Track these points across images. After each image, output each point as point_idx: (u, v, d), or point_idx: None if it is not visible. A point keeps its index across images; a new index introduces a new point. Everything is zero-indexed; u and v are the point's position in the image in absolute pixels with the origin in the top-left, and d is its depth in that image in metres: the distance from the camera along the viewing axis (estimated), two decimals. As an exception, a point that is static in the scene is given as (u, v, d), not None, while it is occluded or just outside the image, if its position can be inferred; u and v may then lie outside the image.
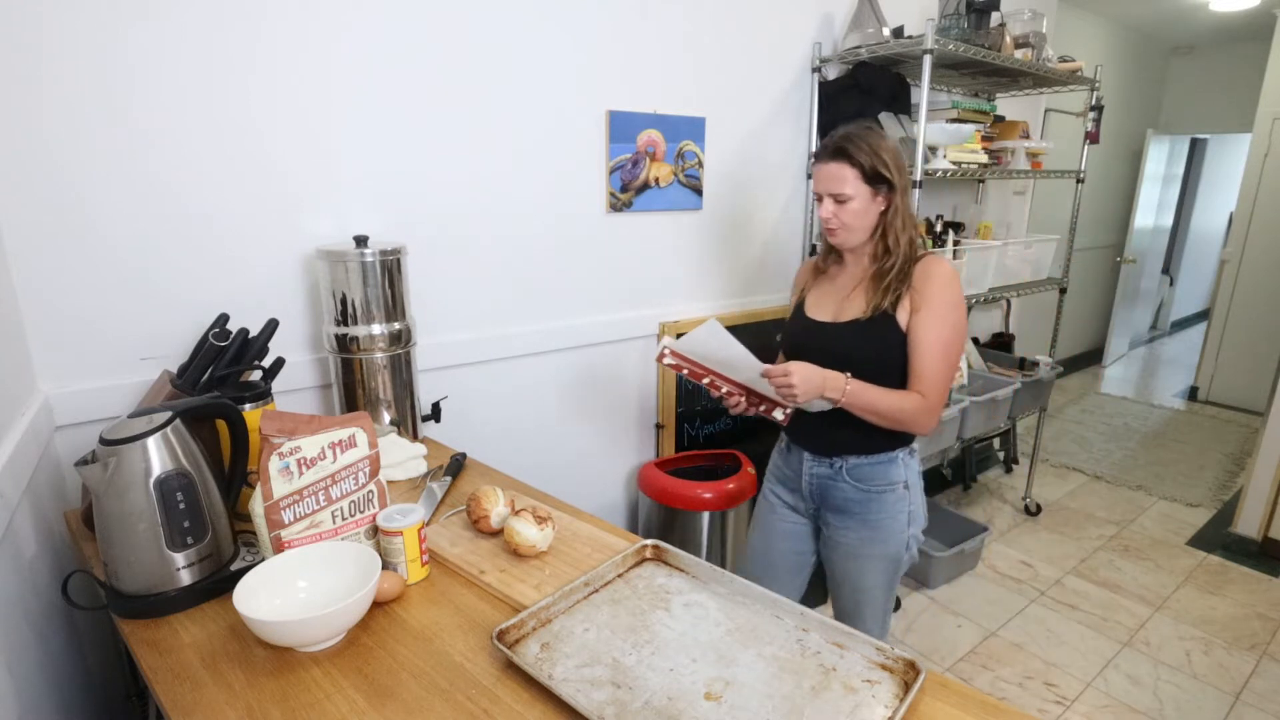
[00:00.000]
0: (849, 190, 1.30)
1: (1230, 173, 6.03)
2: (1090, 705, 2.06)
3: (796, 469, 1.49)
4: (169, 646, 0.87)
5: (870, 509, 1.40)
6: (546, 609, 0.91)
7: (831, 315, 1.40)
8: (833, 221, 1.34)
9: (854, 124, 1.35)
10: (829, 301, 1.43)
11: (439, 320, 1.77)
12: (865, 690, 0.79)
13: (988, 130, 2.73)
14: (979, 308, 3.56)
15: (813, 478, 1.45)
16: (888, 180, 1.30)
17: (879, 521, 1.40)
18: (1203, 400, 4.86)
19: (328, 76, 1.50)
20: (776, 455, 1.58)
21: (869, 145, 1.29)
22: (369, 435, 1.00)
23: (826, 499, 1.44)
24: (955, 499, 3.38)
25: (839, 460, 1.41)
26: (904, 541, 1.42)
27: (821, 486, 1.44)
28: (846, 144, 1.30)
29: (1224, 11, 4.16)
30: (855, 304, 1.37)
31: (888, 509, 1.40)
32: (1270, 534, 2.85)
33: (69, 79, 1.23)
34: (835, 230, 1.35)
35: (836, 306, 1.41)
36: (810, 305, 1.46)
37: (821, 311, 1.43)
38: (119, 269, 1.34)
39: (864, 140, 1.30)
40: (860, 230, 1.34)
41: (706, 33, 2.13)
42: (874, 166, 1.29)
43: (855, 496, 1.41)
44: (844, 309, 1.39)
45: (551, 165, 1.90)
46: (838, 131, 1.34)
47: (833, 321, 1.39)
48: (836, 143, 1.31)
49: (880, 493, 1.40)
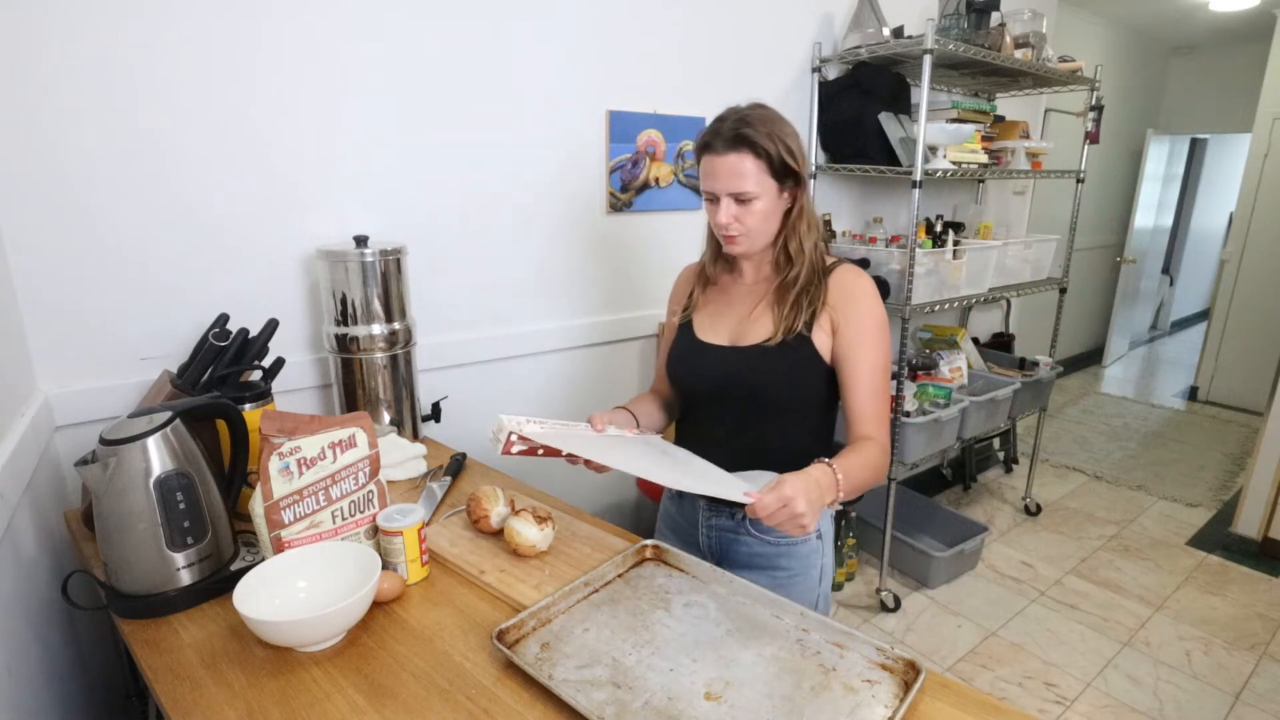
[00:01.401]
0: (752, 187, 1.06)
1: (1230, 173, 6.03)
2: (1090, 705, 2.06)
3: (692, 519, 1.26)
4: (169, 646, 0.87)
5: (780, 563, 1.18)
6: (546, 609, 0.91)
7: (729, 338, 1.17)
8: (734, 227, 1.10)
9: (746, 104, 1.10)
10: (725, 321, 1.20)
11: (439, 320, 1.77)
12: (865, 690, 0.79)
13: (988, 130, 2.73)
14: (979, 308, 3.56)
15: (711, 530, 1.23)
16: (795, 173, 1.09)
17: (789, 579, 1.18)
18: (1203, 400, 4.86)
19: (327, 76, 1.50)
20: (668, 501, 1.34)
21: (771, 129, 1.06)
22: (369, 435, 1.00)
23: (728, 554, 1.21)
24: (955, 499, 3.38)
25: (740, 509, 1.16)
26: (814, 601, 1.20)
27: (722, 540, 1.22)
28: (746, 129, 1.05)
29: (1224, 11, 4.15)
30: (760, 324, 1.15)
31: (799, 563, 1.18)
32: (1270, 534, 2.85)
33: (70, 78, 1.23)
34: (736, 238, 1.11)
35: (735, 327, 1.18)
36: (701, 325, 1.22)
37: (716, 333, 1.19)
38: (119, 269, 1.34)
39: (764, 123, 1.06)
40: (765, 235, 1.12)
41: (707, 33, 2.13)
42: (781, 156, 1.06)
43: (762, 550, 1.18)
44: (745, 330, 1.16)
45: (551, 165, 1.90)
46: (727, 113, 1.08)
47: (732, 345, 1.16)
48: (733, 127, 1.05)
49: (791, 545, 1.18)
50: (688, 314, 1.25)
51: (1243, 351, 4.61)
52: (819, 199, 2.61)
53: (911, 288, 2.28)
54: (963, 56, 2.27)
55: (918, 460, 2.45)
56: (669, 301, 1.34)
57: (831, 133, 2.49)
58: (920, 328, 3.17)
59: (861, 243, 2.57)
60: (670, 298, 1.34)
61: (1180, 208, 6.15)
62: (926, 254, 2.35)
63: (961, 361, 2.83)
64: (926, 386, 2.56)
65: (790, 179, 1.09)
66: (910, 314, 2.30)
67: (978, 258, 2.57)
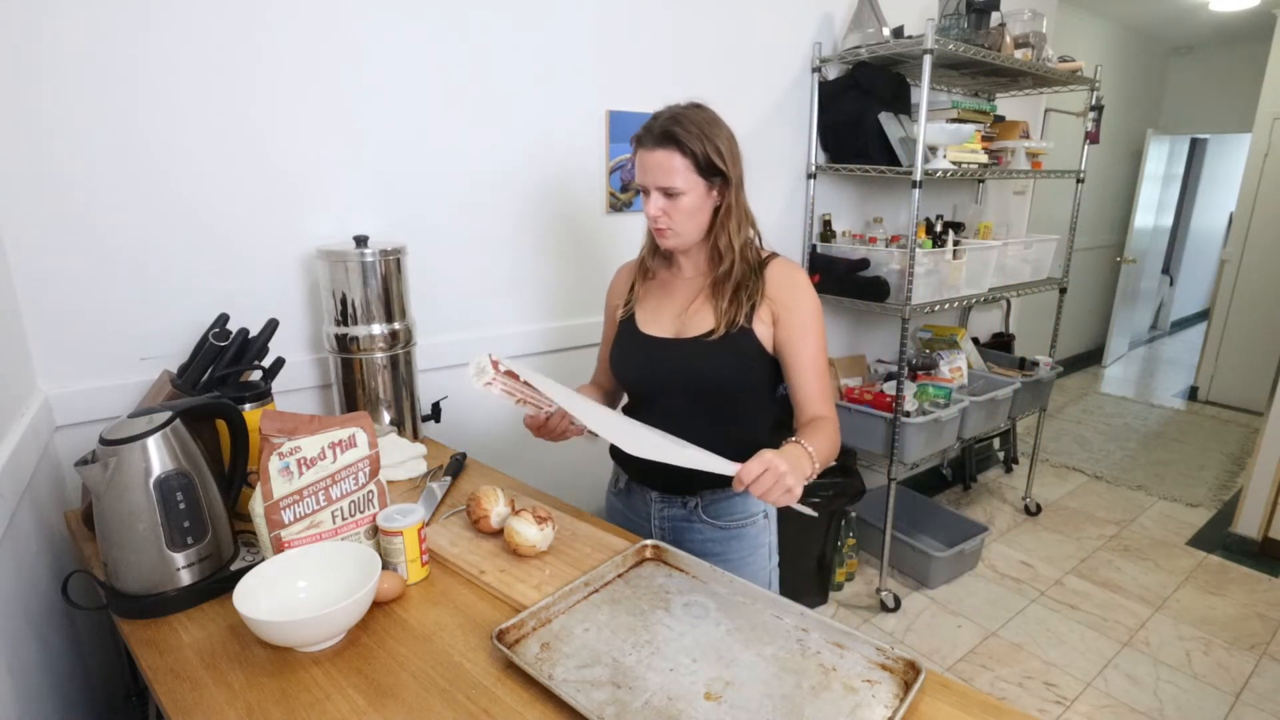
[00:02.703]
0: (679, 183, 1.10)
1: (1230, 173, 6.03)
2: (1090, 705, 2.06)
3: (642, 511, 1.29)
4: (169, 646, 0.87)
5: (731, 548, 1.23)
6: (546, 609, 0.91)
7: (673, 330, 1.21)
8: (662, 220, 1.14)
9: (683, 103, 1.14)
10: (666, 314, 1.23)
11: (439, 320, 1.77)
12: (865, 690, 0.79)
13: (988, 130, 2.73)
14: (979, 308, 3.56)
15: (664, 521, 1.26)
16: (722, 172, 1.12)
17: (740, 560, 1.23)
18: (1203, 400, 4.86)
19: (327, 77, 1.50)
20: (613, 497, 1.36)
21: (701, 130, 1.09)
22: (369, 435, 1.00)
23: (681, 544, 1.21)
24: (955, 499, 3.38)
25: (693, 498, 1.22)
26: (766, 578, 1.26)
27: (675, 530, 1.25)
28: (675, 127, 1.09)
29: (1224, 11, 4.16)
30: (701, 317, 1.18)
31: (748, 544, 1.23)
32: (1270, 534, 2.85)
33: (70, 78, 1.23)
34: (665, 231, 1.16)
35: (677, 319, 1.21)
36: (643, 318, 1.25)
37: (658, 326, 1.23)
38: (119, 268, 1.34)
39: (695, 124, 1.10)
40: (694, 230, 1.16)
41: (707, 33, 2.13)
42: (707, 155, 1.10)
43: (714, 536, 1.23)
44: (688, 323, 1.20)
45: (552, 165, 1.90)
46: (664, 111, 1.13)
47: (676, 338, 1.20)
48: (663, 125, 1.10)
49: (741, 527, 1.23)
50: (629, 308, 1.28)
51: (1243, 351, 4.61)
52: (819, 199, 2.61)
53: (911, 288, 2.28)
54: (963, 56, 2.27)
55: (918, 460, 2.45)
56: (607, 297, 1.37)
57: (831, 133, 2.49)
58: (920, 328, 3.17)
59: (861, 243, 2.57)
60: (609, 293, 1.36)
61: (1180, 208, 6.15)
62: (926, 254, 2.34)
63: (961, 361, 2.83)
64: (926, 386, 2.56)
65: (718, 177, 1.13)
66: (910, 314, 2.30)
67: (978, 258, 2.57)
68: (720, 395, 1.18)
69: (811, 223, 2.60)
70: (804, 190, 2.57)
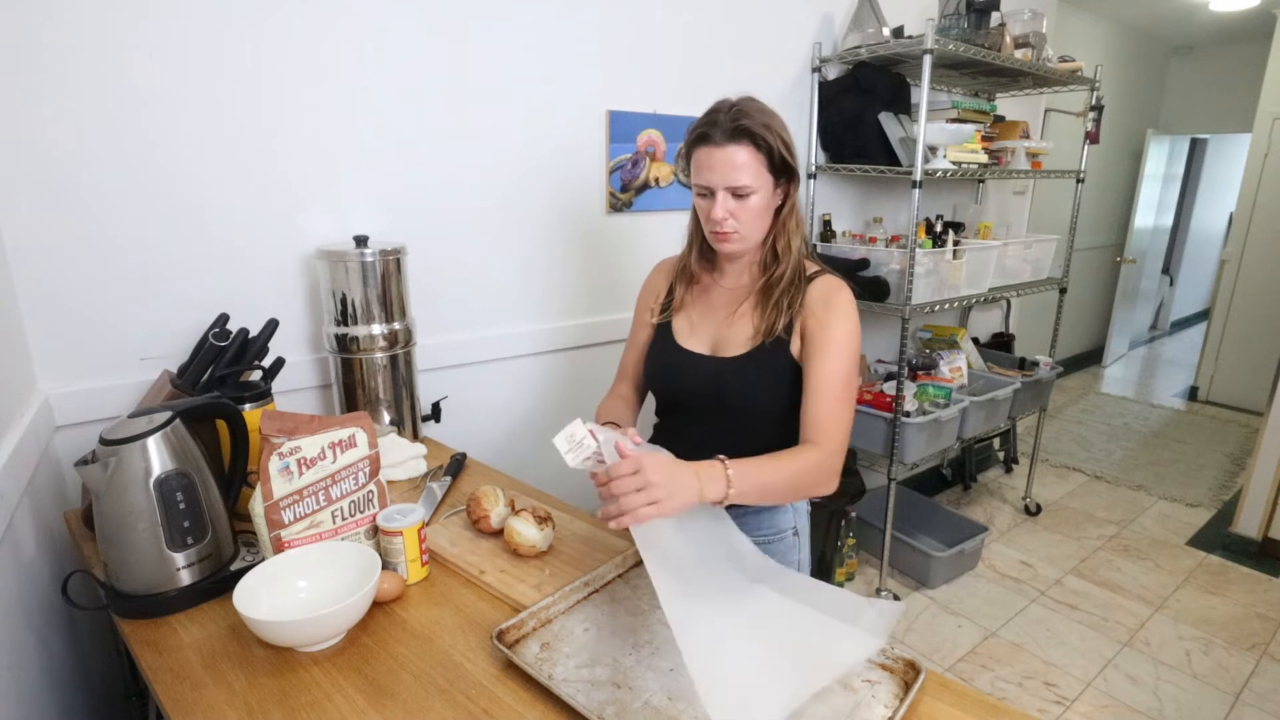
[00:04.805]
0: (750, 181, 1.02)
1: (1230, 173, 6.03)
2: (1090, 705, 2.06)
3: None
4: (169, 646, 0.87)
5: None
6: (546, 609, 0.91)
7: (710, 345, 1.16)
8: (729, 224, 1.05)
9: (738, 96, 1.06)
10: (706, 326, 1.17)
11: (439, 320, 1.77)
12: (865, 690, 0.79)
13: (988, 130, 2.73)
14: (979, 308, 3.56)
15: None
16: (790, 168, 1.05)
17: None
18: (1203, 400, 4.86)
19: (328, 77, 1.50)
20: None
21: (769, 123, 1.02)
22: (369, 435, 1.00)
23: None
24: (955, 499, 3.38)
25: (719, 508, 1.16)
26: None
27: None
28: (747, 121, 1.01)
29: (1224, 11, 4.15)
30: (741, 329, 1.13)
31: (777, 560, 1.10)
32: (1270, 534, 2.85)
33: (71, 78, 1.23)
34: (730, 235, 1.06)
35: (716, 333, 1.16)
36: (681, 329, 1.19)
37: (698, 340, 1.17)
38: (119, 268, 1.33)
39: (763, 115, 1.03)
40: (759, 233, 1.09)
41: (707, 33, 2.13)
42: (780, 152, 1.03)
43: None
44: (727, 337, 1.14)
45: (552, 165, 1.90)
46: (723, 104, 1.05)
47: (713, 356, 1.15)
48: (732, 118, 1.02)
49: (768, 542, 1.17)
50: (667, 315, 1.22)
51: (1243, 351, 4.61)
52: (819, 199, 2.61)
53: (911, 288, 2.28)
54: (963, 56, 2.27)
55: (918, 460, 2.45)
56: (640, 297, 1.30)
57: (831, 133, 2.49)
58: (920, 328, 3.17)
59: (861, 243, 2.57)
60: (642, 292, 1.30)
61: (1180, 208, 6.15)
62: (926, 254, 2.34)
63: (961, 361, 2.83)
64: (926, 386, 2.56)
65: (785, 174, 1.07)
66: (910, 314, 2.30)
67: (978, 258, 2.57)
68: (753, 412, 1.13)
69: (811, 223, 2.60)
70: (804, 190, 2.57)
